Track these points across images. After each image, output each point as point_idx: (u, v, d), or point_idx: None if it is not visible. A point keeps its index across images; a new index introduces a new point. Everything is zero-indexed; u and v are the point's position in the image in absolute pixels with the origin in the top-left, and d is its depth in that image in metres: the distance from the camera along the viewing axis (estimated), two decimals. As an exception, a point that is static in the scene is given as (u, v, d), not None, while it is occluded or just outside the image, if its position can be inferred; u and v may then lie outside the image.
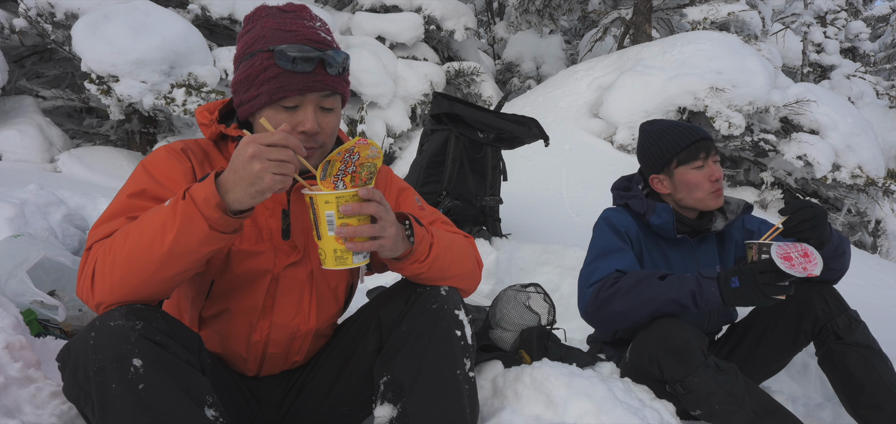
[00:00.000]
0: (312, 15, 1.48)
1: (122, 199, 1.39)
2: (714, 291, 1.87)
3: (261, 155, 1.18)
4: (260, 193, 1.21)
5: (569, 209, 5.86)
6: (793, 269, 1.77)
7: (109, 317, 1.25)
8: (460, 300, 1.52)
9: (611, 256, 2.08)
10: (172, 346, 1.25)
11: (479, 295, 3.40)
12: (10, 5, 7.07)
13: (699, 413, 1.88)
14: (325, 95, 1.42)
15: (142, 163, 1.47)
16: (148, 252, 1.24)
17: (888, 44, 22.26)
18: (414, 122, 9.23)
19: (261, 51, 1.40)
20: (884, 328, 2.74)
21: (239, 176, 1.20)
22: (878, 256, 7.71)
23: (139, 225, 1.26)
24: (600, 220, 2.24)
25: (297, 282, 1.53)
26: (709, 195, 2.16)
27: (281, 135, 1.21)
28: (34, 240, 2.26)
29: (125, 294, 1.28)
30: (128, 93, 6.05)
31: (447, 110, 3.99)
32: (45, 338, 1.89)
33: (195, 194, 1.22)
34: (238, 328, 1.53)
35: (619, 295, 1.95)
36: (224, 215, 1.22)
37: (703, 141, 2.16)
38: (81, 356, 1.23)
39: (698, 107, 7.62)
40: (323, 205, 1.27)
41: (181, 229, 1.22)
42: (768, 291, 1.80)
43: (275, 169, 1.19)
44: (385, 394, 1.45)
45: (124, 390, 1.19)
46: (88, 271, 1.30)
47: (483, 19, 15.37)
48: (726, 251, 2.30)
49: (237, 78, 1.45)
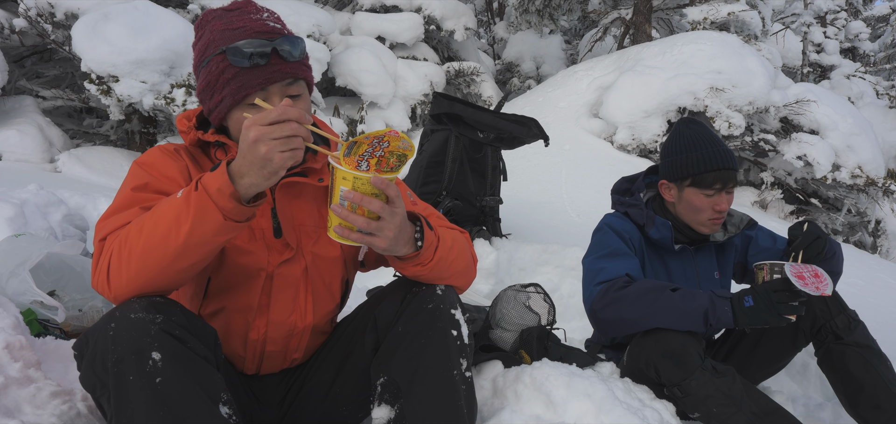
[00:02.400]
0: (258, 7, 1.47)
1: (127, 193, 1.39)
2: (727, 310, 1.86)
3: (264, 136, 1.17)
4: (273, 174, 1.20)
5: (569, 209, 5.86)
6: (807, 287, 1.80)
7: (129, 309, 1.25)
8: (457, 299, 1.52)
9: (619, 258, 2.07)
10: (191, 341, 1.26)
11: (479, 295, 3.40)
12: (10, 5, 7.08)
13: (698, 415, 1.88)
14: (287, 84, 1.41)
15: (136, 162, 1.47)
16: (164, 244, 1.24)
17: (888, 44, 22.27)
18: (414, 122, 9.23)
19: (214, 55, 1.40)
20: (884, 328, 2.75)
21: (248, 161, 1.20)
22: (878, 256, 7.71)
23: (153, 218, 1.26)
24: (604, 225, 2.23)
25: (292, 280, 1.52)
26: (707, 222, 2.15)
27: (279, 111, 1.19)
28: (35, 240, 2.27)
29: (142, 285, 1.28)
30: (128, 94, 6.05)
31: (447, 110, 3.99)
32: (45, 338, 1.89)
33: (208, 184, 1.22)
34: (235, 326, 1.53)
35: (628, 300, 1.93)
36: (238, 204, 1.22)
37: (723, 171, 2.09)
38: (100, 346, 1.24)
39: (698, 107, 7.62)
40: (340, 180, 1.27)
41: (196, 220, 1.22)
42: (782, 310, 1.82)
43: (281, 147, 1.18)
44: (382, 395, 1.45)
45: (142, 383, 1.19)
46: (104, 264, 1.30)
47: (483, 19, 15.37)
48: (725, 258, 2.30)
49: (200, 87, 1.45)
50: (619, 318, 1.96)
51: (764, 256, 2.25)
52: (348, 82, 8.57)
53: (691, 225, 2.18)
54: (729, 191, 2.12)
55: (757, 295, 1.85)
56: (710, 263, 2.26)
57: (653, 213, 2.20)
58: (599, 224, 2.26)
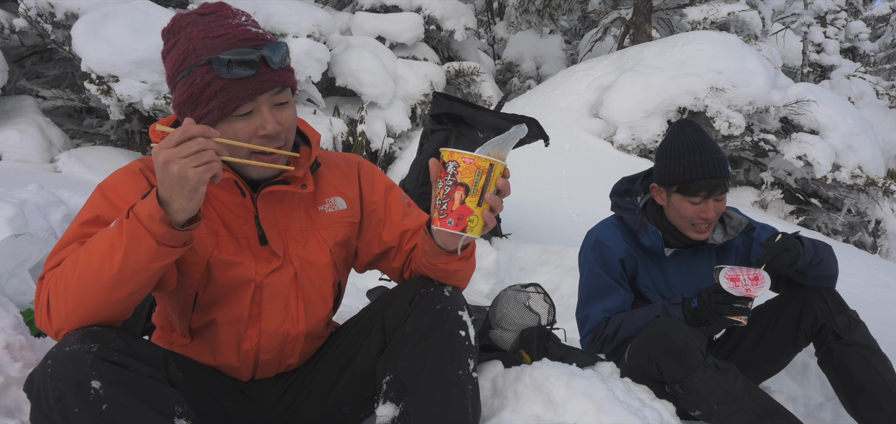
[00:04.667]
0: (234, 11, 1.42)
1: (75, 228, 1.37)
2: (678, 314, 2.04)
3: (173, 156, 1.17)
4: (194, 191, 1.19)
5: (569, 209, 5.85)
6: (736, 290, 1.92)
7: (65, 343, 1.23)
8: (463, 301, 1.52)
9: (600, 299, 2.21)
10: (132, 364, 1.24)
11: (479, 294, 3.40)
12: (10, 5, 7.07)
13: (699, 413, 1.88)
14: (276, 92, 1.38)
15: (100, 186, 1.44)
16: (98, 274, 1.23)
17: (888, 44, 22.26)
18: (414, 122, 9.23)
19: (196, 65, 1.34)
20: (884, 328, 2.75)
21: (166, 185, 1.19)
22: (878, 256, 7.70)
23: (87, 250, 1.25)
24: (589, 249, 2.27)
25: (282, 288, 1.51)
26: (691, 228, 2.15)
27: (181, 130, 1.18)
28: (35, 240, 2.27)
29: (81, 318, 1.27)
30: (128, 93, 6.04)
31: (447, 110, 3.99)
32: (44, 338, 1.89)
33: (139, 211, 1.21)
34: (227, 338, 1.51)
35: (607, 341, 2.15)
36: (170, 228, 1.21)
37: (710, 180, 2.08)
38: (42, 384, 1.22)
39: (698, 107, 7.62)
40: (498, 173, 1.34)
41: (129, 248, 1.21)
42: (723, 311, 1.94)
43: (192, 163, 1.17)
44: (387, 393, 1.45)
45: (87, 413, 1.17)
46: (43, 301, 1.29)
47: (483, 19, 15.36)
48: (727, 260, 2.29)
49: (179, 99, 1.38)
50: (611, 352, 2.16)
51: None
52: (348, 82, 8.56)
53: (681, 229, 2.18)
54: (717, 199, 2.11)
55: (700, 298, 1.99)
56: (709, 266, 2.25)
57: (645, 220, 2.21)
58: (586, 240, 2.30)
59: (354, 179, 1.65)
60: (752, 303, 1.97)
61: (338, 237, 1.59)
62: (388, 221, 1.63)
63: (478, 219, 1.33)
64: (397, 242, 1.62)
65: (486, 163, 1.31)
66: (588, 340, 2.21)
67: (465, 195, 1.32)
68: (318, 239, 1.55)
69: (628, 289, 2.22)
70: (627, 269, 2.22)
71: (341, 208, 1.60)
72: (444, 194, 1.34)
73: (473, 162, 1.32)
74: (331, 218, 1.58)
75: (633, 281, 2.24)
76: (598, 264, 2.22)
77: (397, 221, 1.62)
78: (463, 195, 1.32)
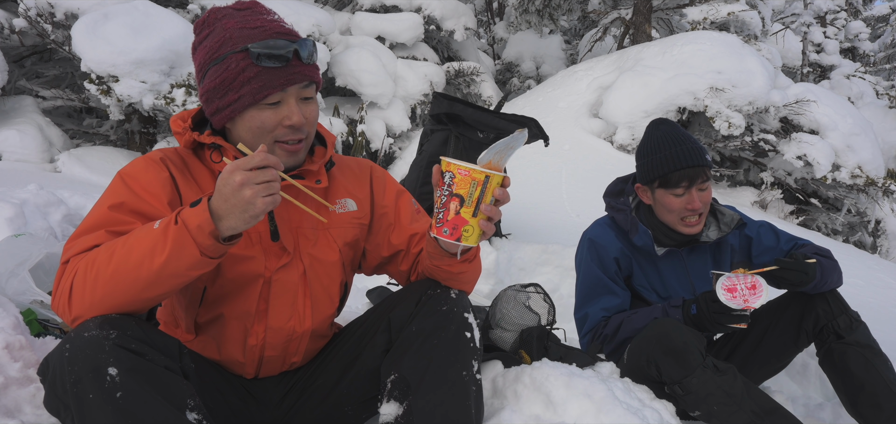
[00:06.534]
0: (267, 8, 1.49)
1: (102, 211, 1.38)
2: (678, 317, 2.02)
3: (249, 180, 1.20)
4: (254, 217, 1.23)
5: (569, 209, 5.85)
6: (733, 302, 1.89)
7: (84, 329, 1.25)
8: (469, 303, 1.54)
9: (599, 298, 2.20)
10: (149, 353, 1.25)
11: (479, 294, 3.40)
12: (10, 5, 7.07)
13: (698, 413, 1.88)
14: (304, 86, 1.44)
15: (119, 173, 1.46)
16: (135, 272, 1.24)
17: (888, 44, 22.26)
18: (414, 122, 9.22)
19: (232, 52, 1.40)
20: (884, 328, 2.75)
21: (230, 204, 1.21)
22: (878, 256, 7.70)
23: (126, 245, 1.26)
24: (584, 249, 2.27)
25: (290, 285, 1.52)
26: (679, 221, 2.15)
27: (262, 157, 1.22)
28: (35, 240, 2.27)
29: (105, 310, 1.28)
30: (128, 94, 6.04)
31: (447, 110, 3.99)
32: (44, 338, 1.89)
33: (188, 220, 1.23)
34: (233, 333, 1.52)
35: (607, 341, 2.15)
36: (216, 242, 1.24)
37: (689, 169, 2.08)
38: (58, 369, 1.23)
39: (698, 107, 7.62)
40: (496, 183, 1.34)
41: (172, 253, 1.23)
42: (721, 319, 1.93)
43: (264, 191, 1.21)
44: (391, 392, 1.46)
45: (102, 399, 1.18)
46: (65, 285, 1.30)
47: (483, 19, 15.35)
48: (722, 259, 2.29)
49: (209, 85, 1.43)
50: (610, 352, 2.15)
51: (769, 254, 2.24)
52: (348, 82, 8.56)
53: (672, 226, 2.17)
54: (700, 188, 2.11)
55: (699, 304, 1.99)
56: (704, 263, 2.25)
57: (636, 220, 2.21)
58: (582, 240, 2.30)
59: (366, 182, 1.68)
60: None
61: (347, 237, 1.61)
62: (398, 225, 1.65)
63: (473, 229, 1.34)
64: (406, 245, 1.65)
65: (482, 175, 1.31)
66: (587, 339, 2.21)
67: (459, 206, 1.33)
68: (328, 238, 1.58)
69: (625, 288, 2.22)
70: (622, 268, 2.22)
71: (352, 209, 1.63)
72: (441, 203, 1.35)
73: (469, 173, 1.32)
74: (341, 219, 1.61)
75: (629, 280, 2.24)
76: (595, 263, 2.22)
77: (406, 225, 1.65)
78: (458, 206, 1.33)
